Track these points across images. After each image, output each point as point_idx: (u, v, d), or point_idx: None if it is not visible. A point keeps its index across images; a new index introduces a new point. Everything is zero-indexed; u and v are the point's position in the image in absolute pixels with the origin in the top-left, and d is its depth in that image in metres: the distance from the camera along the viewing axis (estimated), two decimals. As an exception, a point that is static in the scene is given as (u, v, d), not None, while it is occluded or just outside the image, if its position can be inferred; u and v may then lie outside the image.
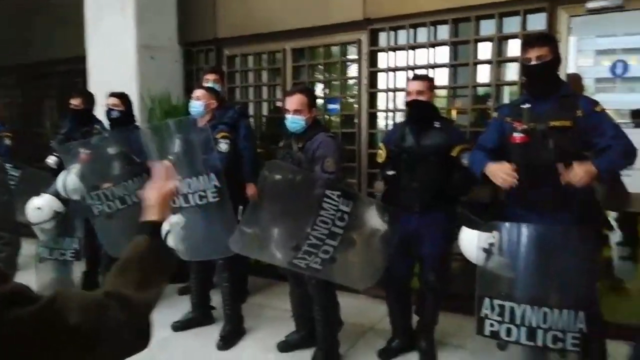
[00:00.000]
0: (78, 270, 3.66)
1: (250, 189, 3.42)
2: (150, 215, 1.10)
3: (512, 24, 3.34)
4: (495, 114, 2.63)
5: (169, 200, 1.16)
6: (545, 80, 2.30)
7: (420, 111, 2.75)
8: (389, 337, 2.99)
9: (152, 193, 1.13)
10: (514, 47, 3.42)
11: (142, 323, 0.89)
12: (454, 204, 2.78)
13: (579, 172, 2.08)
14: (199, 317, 3.40)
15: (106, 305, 0.82)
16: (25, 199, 3.43)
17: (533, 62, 2.26)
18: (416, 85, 2.73)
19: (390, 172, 2.82)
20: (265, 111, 4.59)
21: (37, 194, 3.42)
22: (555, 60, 2.31)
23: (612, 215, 3.75)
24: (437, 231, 2.72)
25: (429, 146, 2.71)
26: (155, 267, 1.00)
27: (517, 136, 2.29)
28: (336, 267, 2.52)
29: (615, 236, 3.77)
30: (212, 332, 3.22)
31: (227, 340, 3.11)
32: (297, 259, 2.41)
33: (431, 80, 2.84)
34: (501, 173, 2.23)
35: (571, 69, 3.15)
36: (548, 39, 2.35)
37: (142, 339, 0.88)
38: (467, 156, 2.65)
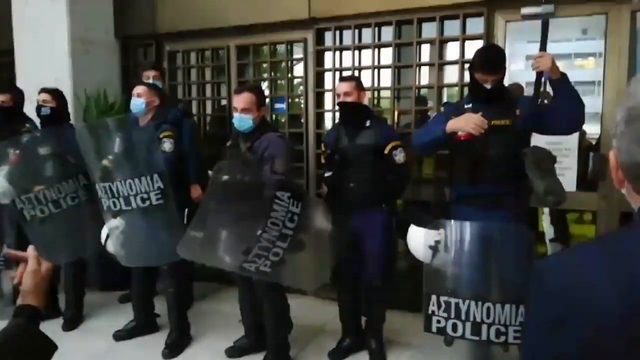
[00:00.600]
0: (8, 279, 3.41)
1: (195, 191, 3.33)
2: (28, 300, 1.05)
3: (452, 27, 3.45)
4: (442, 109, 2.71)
5: (46, 284, 1.11)
6: (497, 94, 2.39)
7: (348, 112, 2.79)
8: (339, 338, 2.99)
9: (27, 278, 1.09)
10: (454, 50, 3.54)
11: None
12: (392, 202, 2.83)
13: (548, 58, 2.21)
14: (142, 326, 3.26)
15: None
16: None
17: (489, 85, 2.34)
18: (343, 87, 2.77)
19: (328, 173, 2.85)
20: (209, 110, 4.47)
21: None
22: (504, 76, 2.43)
23: (545, 213, 3.98)
24: (376, 229, 2.76)
25: (361, 145, 2.75)
26: (31, 355, 0.97)
27: (462, 134, 2.37)
28: (285, 269, 2.50)
29: (549, 233, 4.00)
30: (157, 341, 3.09)
31: (173, 348, 3.00)
32: (247, 263, 2.37)
33: (358, 80, 2.87)
34: (473, 120, 2.27)
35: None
36: (504, 62, 2.41)
37: None
38: (400, 153, 2.72)
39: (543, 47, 2.26)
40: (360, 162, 2.74)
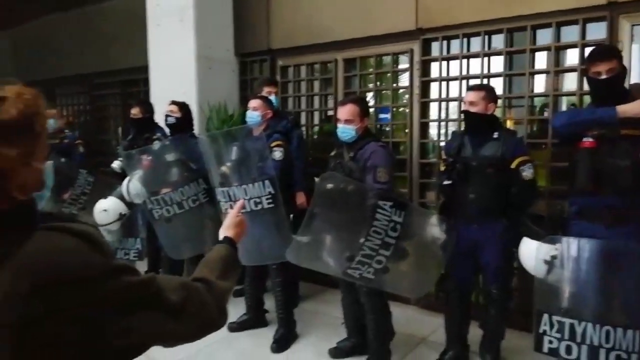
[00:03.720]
0: (141, 269, 3.82)
1: (300, 198, 3.49)
2: (226, 232, 1.42)
3: (570, 33, 3.25)
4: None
5: (242, 226, 1.47)
6: (615, 92, 2.27)
7: (471, 122, 2.73)
8: (441, 351, 2.94)
9: (228, 218, 1.48)
10: (572, 57, 3.33)
11: (222, 303, 1.09)
12: (515, 216, 2.66)
13: None
14: (253, 319, 3.50)
15: (195, 287, 1.03)
16: (95, 203, 3.64)
17: (604, 76, 2.24)
18: (469, 96, 2.70)
19: (446, 182, 2.78)
20: (317, 120, 4.66)
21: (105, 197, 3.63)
22: (623, 72, 2.31)
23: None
24: (497, 243, 2.66)
25: (485, 157, 2.67)
26: (230, 266, 1.26)
27: (587, 141, 2.26)
28: (389, 276, 2.52)
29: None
30: (266, 334, 3.30)
31: (281, 344, 3.19)
32: (351, 269, 2.44)
33: (488, 90, 2.75)
34: None
35: (635, 77, 3.02)
36: (616, 52, 2.34)
37: (222, 316, 1.08)
38: (528, 169, 2.60)
39: None
40: (483, 174, 2.66)
